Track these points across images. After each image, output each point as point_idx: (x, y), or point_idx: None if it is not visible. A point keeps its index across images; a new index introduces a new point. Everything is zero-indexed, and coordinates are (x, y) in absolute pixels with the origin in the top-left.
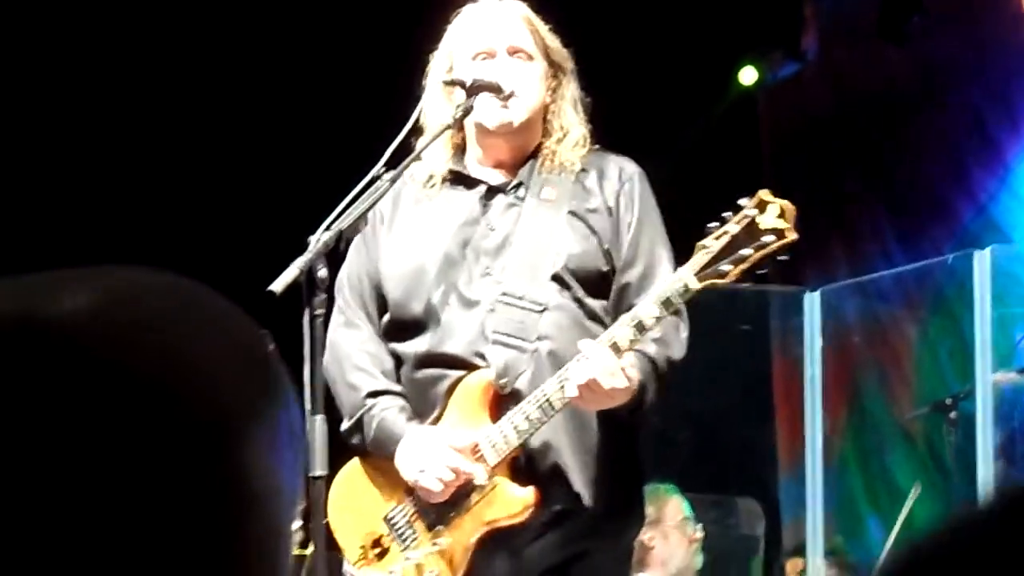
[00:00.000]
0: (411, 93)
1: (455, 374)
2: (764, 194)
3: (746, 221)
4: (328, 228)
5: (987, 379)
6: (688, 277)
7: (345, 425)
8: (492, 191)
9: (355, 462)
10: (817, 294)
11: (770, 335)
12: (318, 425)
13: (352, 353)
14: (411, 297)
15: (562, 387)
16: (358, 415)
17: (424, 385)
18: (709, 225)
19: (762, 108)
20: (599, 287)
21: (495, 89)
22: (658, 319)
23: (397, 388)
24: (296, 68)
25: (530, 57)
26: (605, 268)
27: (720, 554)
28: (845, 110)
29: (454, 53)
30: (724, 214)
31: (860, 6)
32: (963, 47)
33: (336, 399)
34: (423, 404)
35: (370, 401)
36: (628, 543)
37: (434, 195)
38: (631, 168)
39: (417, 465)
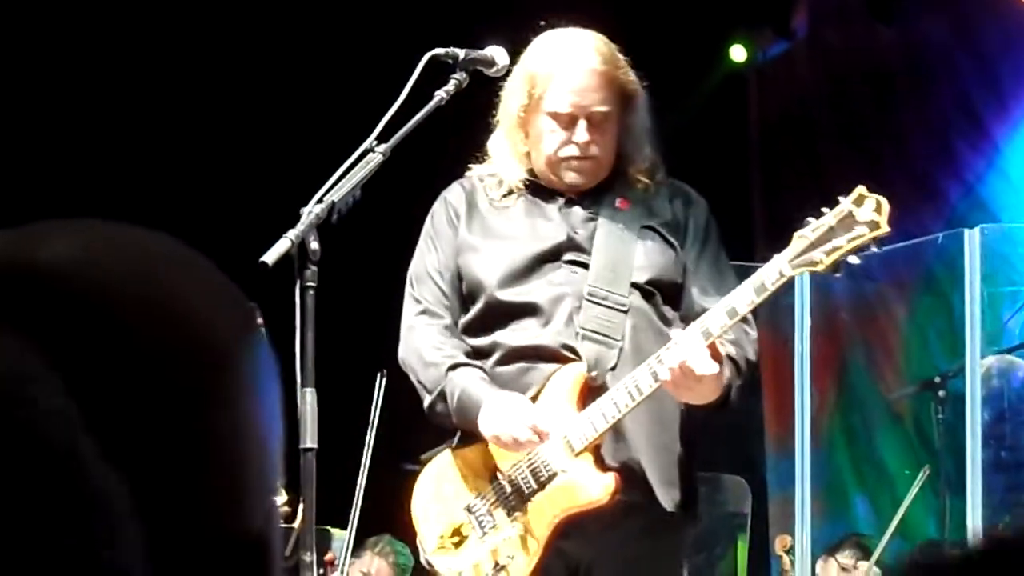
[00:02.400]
0: (403, 66)
1: (545, 366)
2: (862, 189)
3: (843, 214)
4: (320, 200)
5: (975, 358)
6: (783, 264)
7: (428, 400)
8: (570, 202)
9: (446, 454)
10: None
11: (759, 313)
12: (308, 398)
13: (430, 335)
14: (497, 291)
15: (653, 373)
16: (440, 388)
17: (512, 376)
18: (808, 218)
19: (751, 87)
20: (674, 297)
21: (488, 63)
22: (752, 306)
23: (476, 363)
24: (289, 39)
25: (605, 118)
26: (679, 280)
27: (707, 531)
28: (834, 89)
29: (535, 101)
30: (823, 209)
31: None
32: (952, 27)
33: (416, 383)
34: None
35: (451, 373)
36: (690, 539)
37: (512, 201)
38: (696, 196)
39: (498, 421)
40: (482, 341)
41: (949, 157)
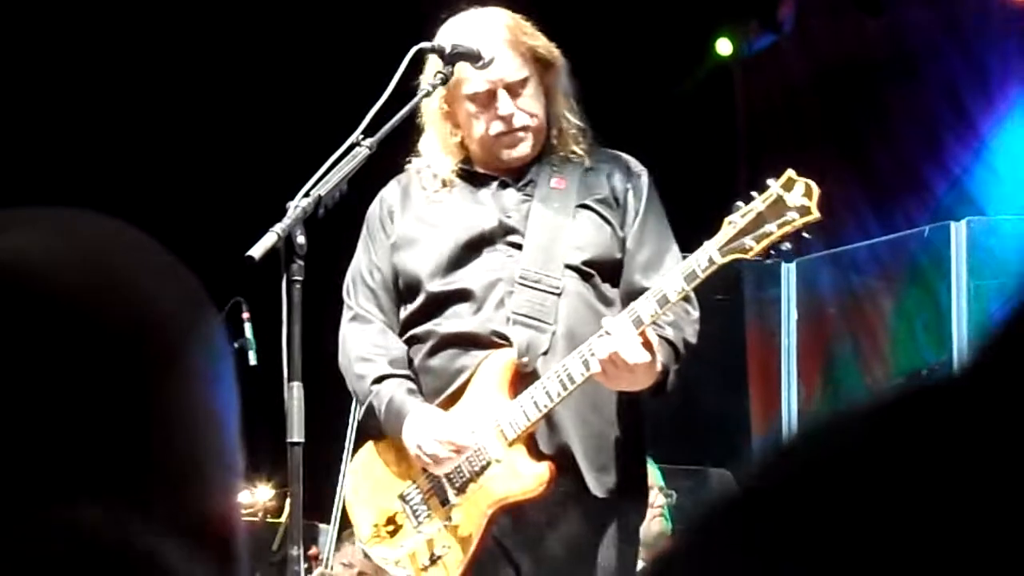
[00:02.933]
0: (389, 61)
1: (476, 353)
2: (791, 173)
3: (772, 199)
4: (307, 194)
5: (963, 350)
6: (713, 251)
7: (360, 414)
8: (503, 185)
9: (370, 445)
10: (792, 265)
11: (745, 306)
12: (295, 392)
13: (357, 346)
14: (431, 282)
15: (585, 362)
16: (367, 401)
17: (444, 364)
18: (736, 203)
19: (738, 79)
20: (614, 275)
21: (474, 57)
22: (682, 293)
23: (402, 372)
24: (276, 35)
25: (529, 81)
26: (619, 255)
27: None
28: (821, 81)
29: (450, 90)
30: (752, 193)
31: None
32: (939, 19)
33: (352, 394)
34: (445, 383)
35: (376, 387)
36: (636, 525)
37: (447, 192)
38: (638, 167)
39: (418, 439)
40: (419, 331)
41: (936, 150)
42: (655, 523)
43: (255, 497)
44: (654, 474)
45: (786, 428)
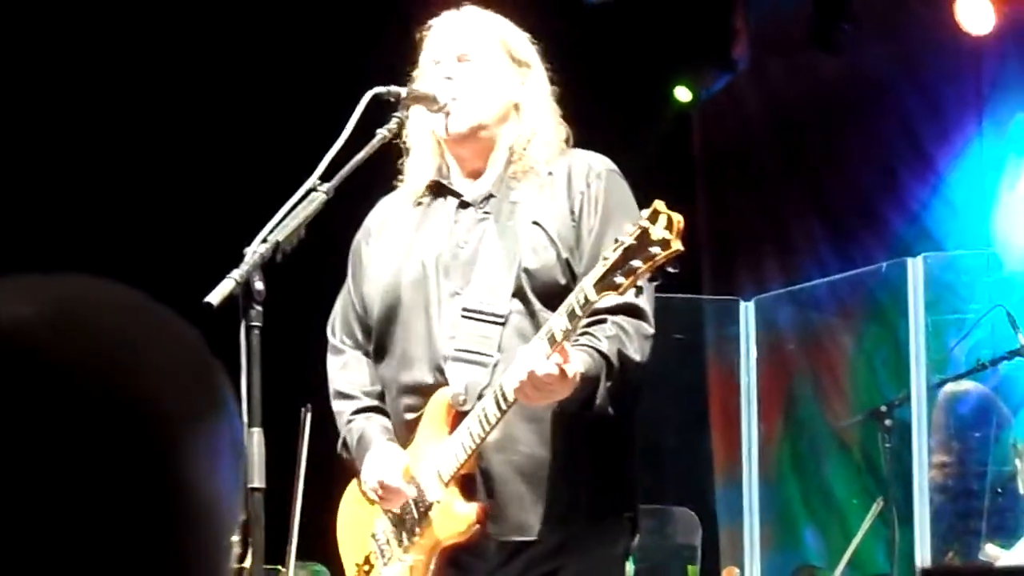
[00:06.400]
0: (347, 104)
1: (423, 399)
2: (658, 205)
3: (638, 232)
4: (264, 240)
5: (921, 386)
6: (588, 288)
7: (338, 447)
8: (463, 205)
9: (354, 483)
10: (751, 303)
11: (705, 344)
12: (256, 438)
13: (335, 379)
14: (387, 321)
15: (497, 400)
16: (342, 437)
17: (398, 410)
18: (617, 237)
19: (695, 118)
20: (558, 299)
21: (430, 101)
22: (567, 331)
23: (375, 404)
24: (234, 78)
25: (479, 58)
26: (563, 280)
27: (657, 564)
28: (778, 120)
29: (419, 68)
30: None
31: (792, 16)
32: (895, 56)
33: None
34: (401, 429)
35: (351, 420)
36: (609, 555)
37: (415, 212)
38: (600, 166)
39: (364, 476)
40: (381, 371)
41: (893, 186)
42: None
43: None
44: None
45: (747, 466)
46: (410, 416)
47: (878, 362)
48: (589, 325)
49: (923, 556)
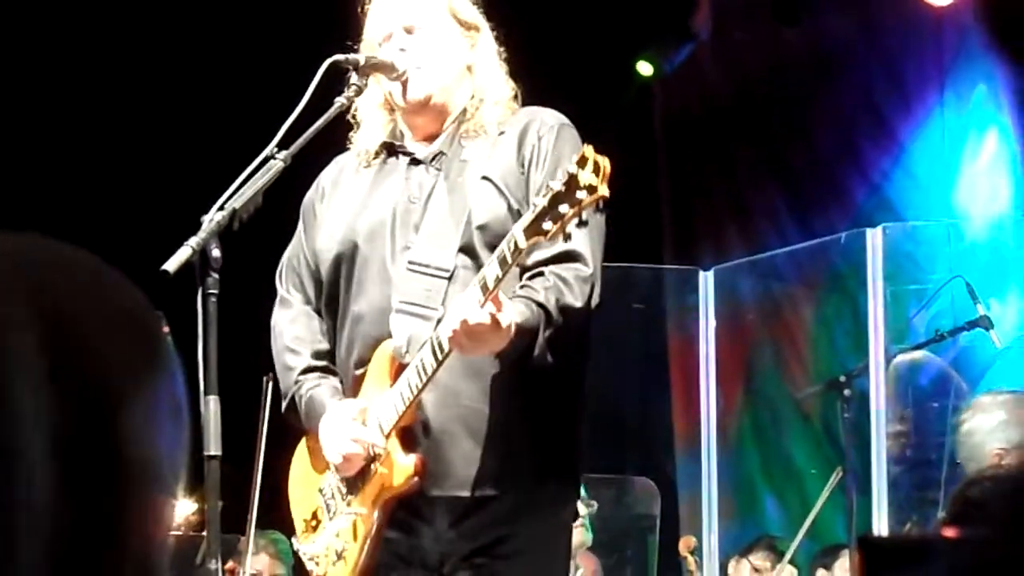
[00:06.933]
0: (306, 72)
1: (372, 352)
2: (586, 150)
3: (566, 178)
4: (221, 207)
5: (880, 356)
6: (518, 234)
7: (284, 405)
8: (414, 163)
9: (303, 441)
10: (711, 273)
11: (665, 314)
12: (212, 406)
13: (283, 332)
14: (338, 276)
15: (433, 350)
16: (290, 394)
17: (347, 366)
18: (546, 183)
19: (657, 89)
20: None
21: (389, 69)
22: (499, 279)
23: (324, 364)
24: (193, 47)
25: (428, 26)
26: None
27: (617, 533)
28: (739, 91)
29: (364, 42)
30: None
31: None
32: (856, 28)
33: (279, 382)
34: (349, 383)
35: (299, 380)
36: (553, 526)
37: (368, 171)
38: (551, 120)
39: (326, 440)
40: (332, 326)
41: (855, 156)
42: (576, 533)
43: (176, 511)
44: None
45: (705, 436)
46: (359, 371)
47: (838, 332)
48: (529, 279)
49: (881, 526)
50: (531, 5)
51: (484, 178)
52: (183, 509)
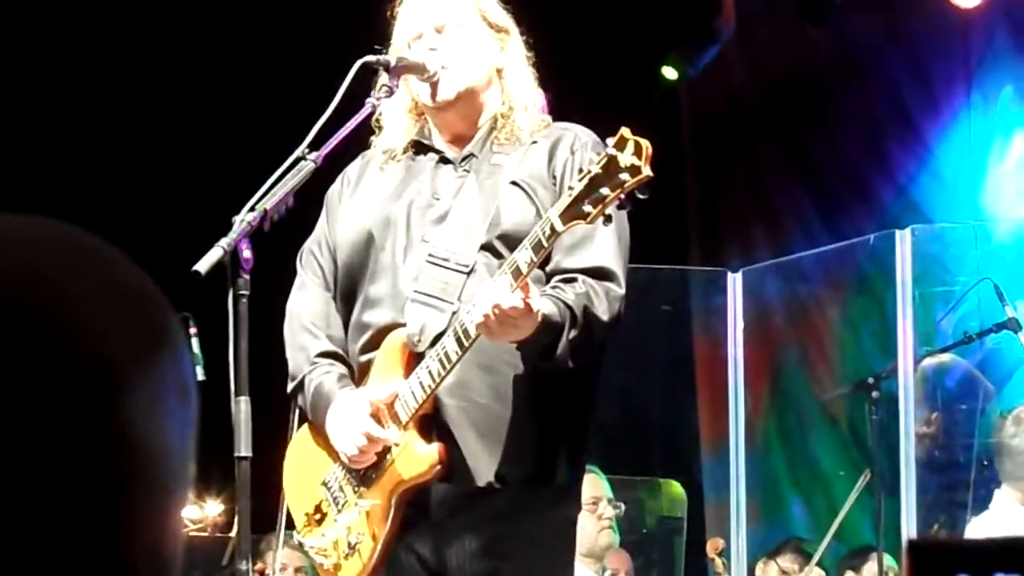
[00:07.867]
0: (337, 73)
1: (383, 339)
2: (624, 132)
3: (605, 160)
4: (252, 208)
5: (908, 359)
6: (555, 218)
7: (290, 386)
8: (443, 161)
9: (303, 431)
10: (739, 274)
11: (692, 315)
12: (242, 406)
13: (301, 313)
14: (354, 264)
15: (458, 337)
16: (300, 376)
17: (356, 351)
18: (581, 167)
19: (683, 91)
20: None
21: (420, 70)
22: (531, 263)
23: (338, 351)
24: (224, 48)
25: (458, 26)
26: None
27: (644, 535)
28: (766, 91)
29: (394, 44)
30: (593, 155)
31: None
32: (883, 28)
33: (289, 361)
34: (358, 369)
35: (312, 364)
36: (558, 520)
37: (394, 166)
38: (585, 137)
39: (337, 432)
40: (345, 314)
41: (882, 158)
42: (603, 535)
43: (204, 512)
44: (602, 485)
45: (733, 438)
46: (365, 357)
47: (865, 334)
48: (560, 282)
49: (909, 528)
50: (556, 12)
51: (514, 183)
52: (210, 510)
